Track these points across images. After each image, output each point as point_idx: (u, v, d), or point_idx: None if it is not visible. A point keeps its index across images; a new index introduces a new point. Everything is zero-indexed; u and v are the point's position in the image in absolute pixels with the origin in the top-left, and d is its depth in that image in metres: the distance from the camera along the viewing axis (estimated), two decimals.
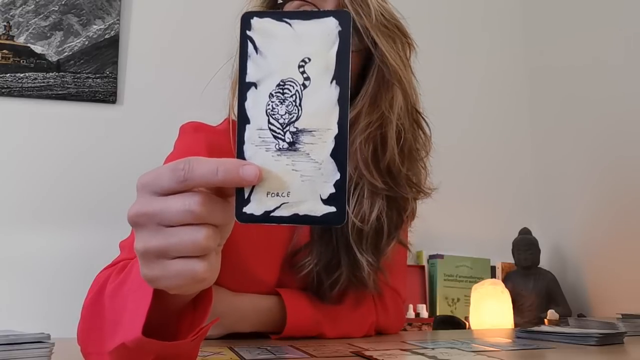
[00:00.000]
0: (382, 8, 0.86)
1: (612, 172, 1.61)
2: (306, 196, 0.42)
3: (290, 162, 0.42)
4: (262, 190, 0.42)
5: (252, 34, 0.43)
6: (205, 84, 1.10)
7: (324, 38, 0.43)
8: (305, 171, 0.42)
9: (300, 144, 0.43)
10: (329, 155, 0.42)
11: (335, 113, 0.43)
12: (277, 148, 0.43)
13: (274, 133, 0.43)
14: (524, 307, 1.62)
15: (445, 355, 0.67)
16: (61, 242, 1.59)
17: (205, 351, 0.69)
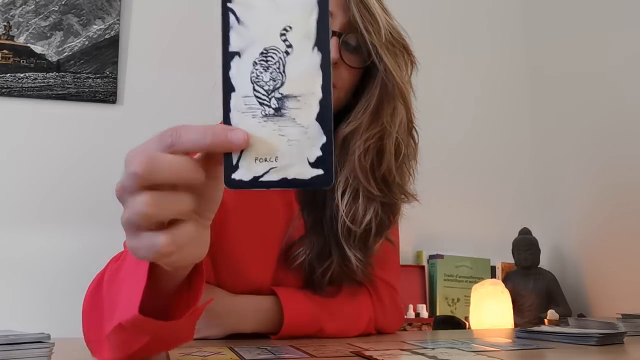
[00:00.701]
0: (390, 26, 0.89)
1: (612, 172, 1.61)
2: (294, 160, 0.43)
3: (276, 128, 0.43)
4: (249, 156, 0.43)
5: (232, 5, 0.44)
6: (205, 84, 1.10)
7: (303, 7, 0.44)
8: (291, 135, 0.43)
9: (285, 109, 0.43)
10: (315, 119, 0.43)
11: (318, 78, 0.43)
12: (263, 114, 0.43)
13: (259, 100, 0.43)
14: (524, 307, 1.62)
15: (445, 355, 0.67)
16: (61, 242, 1.59)
17: (205, 351, 0.70)
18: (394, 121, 0.90)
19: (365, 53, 0.89)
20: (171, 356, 0.66)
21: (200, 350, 0.70)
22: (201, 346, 0.74)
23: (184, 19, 1.77)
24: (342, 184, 0.90)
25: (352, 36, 0.88)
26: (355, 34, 0.88)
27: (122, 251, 0.77)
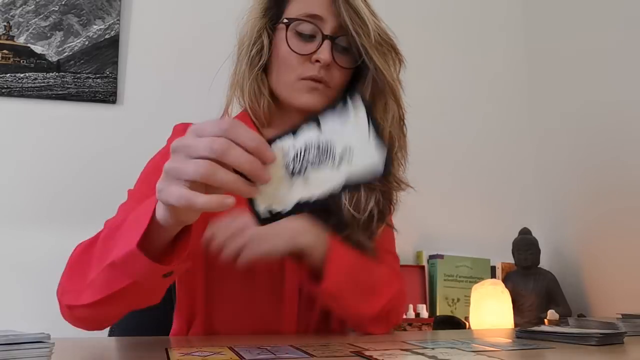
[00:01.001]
0: (378, 28, 0.94)
1: (612, 172, 1.61)
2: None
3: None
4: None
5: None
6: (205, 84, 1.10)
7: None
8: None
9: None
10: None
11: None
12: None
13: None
14: (524, 307, 1.62)
15: (445, 355, 0.67)
16: (61, 241, 1.58)
17: (206, 351, 0.70)
18: (387, 117, 0.95)
19: (355, 54, 0.94)
20: (171, 356, 0.66)
21: (200, 350, 0.70)
22: (201, 346, 0.74)
23: (184, 19, 1.77)
24: None
25: (343, 39, 0.94)
26: (345, 37, 0.93)
27: (111, 218, 0.84)
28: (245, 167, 0.56)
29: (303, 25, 0.93)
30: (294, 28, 0.93)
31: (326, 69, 0.93)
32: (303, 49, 0.93)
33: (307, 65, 0.93)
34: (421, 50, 1.95)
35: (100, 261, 0.68)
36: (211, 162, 0.55)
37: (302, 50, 0.93)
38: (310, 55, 0.93)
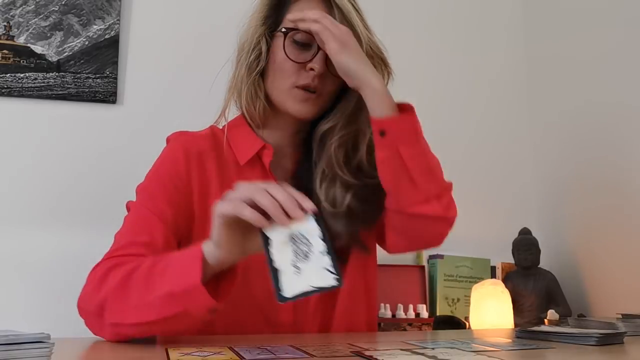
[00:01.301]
0: (370, 41, 1.00)
1: (613, 173, 1.61)
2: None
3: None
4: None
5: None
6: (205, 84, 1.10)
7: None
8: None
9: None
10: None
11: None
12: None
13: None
14: (524, 307, 1.62)
15: (445, 355, 0.67)
16: (61, 242, 1.59)
17: (206, 351, 0.70)
18: (369, 124, 0.97)
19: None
20: (171, 356, 0.66)
21: (200, 350, 0.70)
22: (201, 346, 0.74)
23: (184, 19, 1.77)
24: (319, 174, 1.01)
25: None
26: None
27: (112, 247, 0.95)
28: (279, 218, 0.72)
29: (300, 34, 0.98)
30: (291, 37, 0.99)
31: (319, 78, 0.98)
32: (299, 57, 0.98)
33: (301, 73, 0.98)
34: (420, 50, 1.95)
35: (148, 288, 0.78)
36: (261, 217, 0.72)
37: (298, 58, 0.98)
38: (305, 64, 0.98)
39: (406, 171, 0.92)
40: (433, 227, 0.98)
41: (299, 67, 0.98)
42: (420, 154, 0.95)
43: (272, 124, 1.05)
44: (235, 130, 1.05)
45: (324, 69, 0.97)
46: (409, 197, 0.94)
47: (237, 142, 1.04)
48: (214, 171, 1.01)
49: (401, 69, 1.09)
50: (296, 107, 1.00)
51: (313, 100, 1.00)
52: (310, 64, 0.97)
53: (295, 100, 0.99)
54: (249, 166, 1.02)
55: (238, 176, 1.01)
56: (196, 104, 1.14)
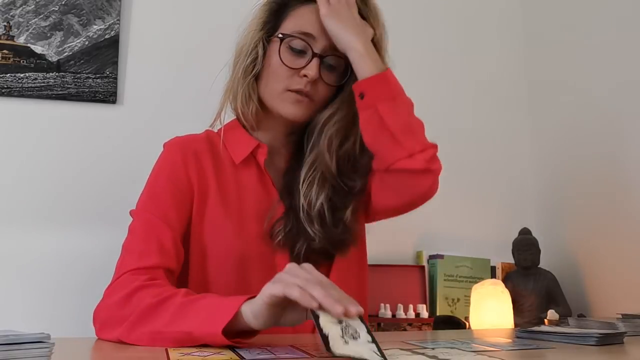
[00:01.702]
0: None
1: (612, 172, 1.61)
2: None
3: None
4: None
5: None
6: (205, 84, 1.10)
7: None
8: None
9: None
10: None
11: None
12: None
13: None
14: (524, 307, 1.61)
15: (445, 355, 0.67)
16: (61, 242, 1.59)
17: (206, 351, 0.70)
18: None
19: (341, 73, 1.04)
20: (171, 356, 0.66)
21: (200, 350, 0.70)
22: (201, 346, 0.74)
23: (184, 18, 1.77)
24: (306, 167, 1.04)
25: (332, 58, 1.03)
26: (334, 57, 1.03)
27: (123, 259, 0.96)
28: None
29: (296, 41, 1.01)
30: (287, 43, 1.02)
31: (312, 84, 1.01)
32: (293, 62, 1.01)
33: (295, 78, 1.01)
34: (419, 50, 1.95)
35: (173, 322, 0.78)
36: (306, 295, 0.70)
37: (293, 64, 1.01)
38: (299, 70, 1.01)
39: (386, 129, 0.97)
40: (419, 181, 1.04)
41: (293, 73, 1.01)
42: (400, 113, 0.99)
43: (265, 126, 1.08)
44: (231, 132, 1.08)
45: (316, 76, 1.00)
46: (393, 155, 0.99)
47: (233, 142, 1.07)
48: (211, 171, 1.04)
49: (401, 68, 1.10)
50: (287, 109, 1.02)
51: (305, 103, 1.02)
52: (304, 70, 1.00)
53: (286, 102, 1.02)
54: (245, 165, 1.05)
55: (234, 176, 1.04)
56: (196, 104, 1.14)
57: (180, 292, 0.83)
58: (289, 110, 1.02)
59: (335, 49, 1.02)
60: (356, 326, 0.68)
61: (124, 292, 0.86)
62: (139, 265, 0.92)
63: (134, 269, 0.91)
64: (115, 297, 0.87)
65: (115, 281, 0.92)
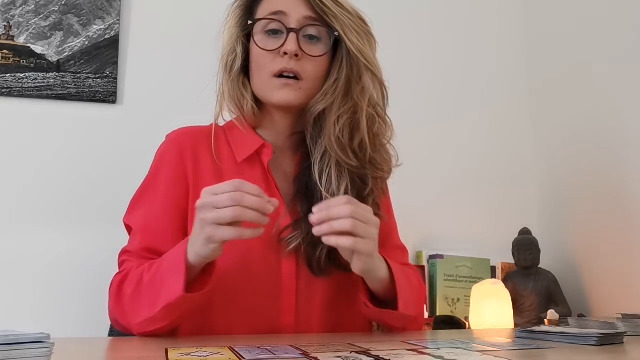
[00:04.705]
0: (353, 10, 1.00)
1: (613, 173, 1.61)
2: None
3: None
4: None
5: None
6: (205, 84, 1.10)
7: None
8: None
9: None
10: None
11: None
12: None
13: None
14: (524, 307, 1.62)
15: (451, 355, 0.67)
16: (61, 242, 1.59)
17: (205, 351, 0.70)
18: (364, 96, 0.98)
19: (327, 42, 0.99)
20: (170, 356, 0.66)
21: (199, 350, 0.70)
22: (201, 346, 0.74)
23: (184, 18, 1.77)
24: (318, 160, 0.98)
25: (311, 28, 0.98)
26: (313, 26, 0.98)
27: (122, 260, 0.98)
28: (256, 206, 0.79)
29: (269, 23, 0.98)
30: (262, 30, 0.99)
31: (296, 61, 0.97)
32: (271, 45, 0.98)
33: (277, 60, 0.97)
34: (420, 49, 1.95)
35: (151, 303, 0.85)
36: (237, 207, 0.78)
37: (270, 46, 0.98)
38: (279, 50, 0.97)
39: (407, 320, 0.97)
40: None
41: (274, 55, 0.98)
42: (414, 304, 0.98)
43: (266, 124, 1.05)
44: (236, 129, 1.04)
45: (296, 49, 0.96)
46: (401, 327, 0.99)
47: (237, 139, 1.04)
48: (209, 167, 1.01)
49: (403, 70, 1.10)
50: (278, 96, 0.98)
51: (293, 85, 0.98)
52: (283, 48, 0.96)
53: (275, 88, 0.98)
54: (248, 165, 1.02)
55: (236, 175, 1.00)
56: (196, 104, 1.14)
57: (142, 271, 0.90)
58: (279, 96, 0.98)
59: (311, 19, 0.97)
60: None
61: (114, 292, 0.93)
62: (123, 258, 0.98)
63: (120, 262, 0.99)
64: (112, 300, 0.94)
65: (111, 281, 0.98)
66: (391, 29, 1.17)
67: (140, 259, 0.95)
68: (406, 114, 1.15)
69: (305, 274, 0.97)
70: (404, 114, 1.10)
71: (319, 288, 0.98)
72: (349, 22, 0.98)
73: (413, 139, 1.82)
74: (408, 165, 1.06)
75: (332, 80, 1.00)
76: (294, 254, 0.97)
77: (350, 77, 0.99)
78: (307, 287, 0.97)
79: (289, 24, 0.97)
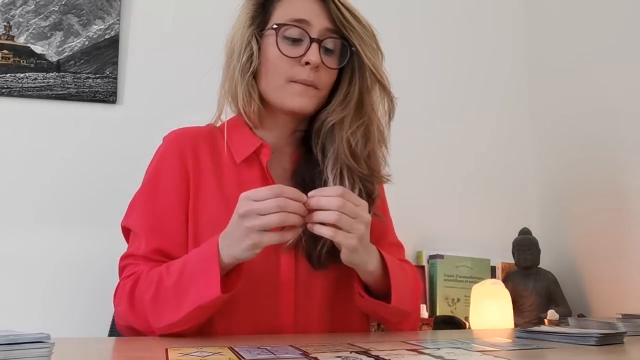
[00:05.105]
0: (368, 25, 1.02)
1: (613, 173, 1.61)
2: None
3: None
4: None
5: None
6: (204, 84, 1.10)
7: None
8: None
9: None
10: None
11: None
12: None
13: None
14: (524, 307, 1.62)
15: (451, 355, 0.67)
16: (61, 242, 1.59)
17: (205, 351, 0.70)
18: (375, 110, 1.03)
19: (339, 55, 1.01)
20: (170, 356, 0.66)
21: (199, 350, 0.70)
22: (201, 346, 0.74)
23: (185, 18, 1.77)
24: (330, 167, 1.00)
25: (329, 41, 1.00)
26: (331, 39, 1.00)
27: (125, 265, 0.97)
28: (298, 210, 0.81)
29: (291, 29, 0.98)
30: (282, 33, 0.99)
31: (315, 71, 0.98)
32: (292, 52, 0.98)
33: (297, 68, 0.98)
34: (420, 50, 1.95)
35: (178, 306, 0.85)
36: (282, 212, 0.79)
37: (292, 53, 0.98)
38: (300, 58, 0.98)
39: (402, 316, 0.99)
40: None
41: (294, 63, 0.98)
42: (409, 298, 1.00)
43: (268, 124, 1.05)
44: (234, 129, 1.04)
45: (319, 61, 0.97)
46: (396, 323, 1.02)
47: (235, 140, 1.03)
48: (209, 168, 1.01)
49: (403, 71, 1.10)
50: (295, 102, 0.99)
51: (312, 93, 0.99)
52: (305, 57, 0.97)
53: (293, 94, 0.99)
54: (247, 165, 1.02)
55: (235, 175, 1.01)
56: (196, 104, 1.14)
57: (163, 272, 0.89)
58: (297, 102, 0.99)
59: (331, 31, 0.99)
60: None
61: (125, 298, 0.91)
62: (126, 262, 0.97)
63: (122, 267, 0.98)
64: (122, 307, 0.92)
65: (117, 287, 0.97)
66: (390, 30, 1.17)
67: (149, 262, 0.94)
68: (406, 114, 1.15)
69: (304, 270, 0.97)
70: (404, 115, 1.10)
71: (318, 285, 0.98)
72: (365, 37, 1.00)
73: (413, 139, 1.82)
74: (408, 166, 1.07)
75: (343, 92, 1.03)
76: (292, 250, 0.97)
77: (363, 90, 1.01)
78: (306, 283, 0.98)
79: (312, 33, 0.98)
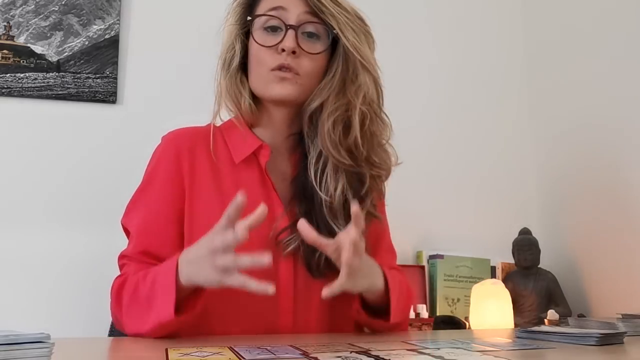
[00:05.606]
0: (348, 8, 1.00)
1: (613, 173, 1.61)
2: None
3: None
4: None
5: None
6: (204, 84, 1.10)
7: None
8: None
9: None
10: None
11: None
12: None
13: None
14: (524, 307, 1.62)
15: (451, 355, 0.67)
16: (61, 242, 1.59)
17: (205, 351, 0.70)
18: (359, 94, 0.98)
19: (324, 39, 0.99)
20: (170, 356, 0.66)
21: (199, 350, 0.70)
22: (201, 346, 0.74)
23: (184, 18, 1.77)
24: (314, 161, 0.98)
25: (309, 25, 0.98)
26: (312, 23, 0.98)
27: (123, 264, 0.98)
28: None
29: (269, 20, 0.99)
30: (261, 26, 0.99)
31: (293, 57, 0.97)
32: (270, 41, 0.98)
33: (275, 56, 0.98)
34: (420, 49, 1.95)
35: (143, 319, 0.86)
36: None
37: (269, 42, 0.98)
38: (277, 46, 0.97)
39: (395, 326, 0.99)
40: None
41: (272, 52, 0.98)
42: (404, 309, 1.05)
43: (263, 122, 1.05)
44: (233, 129, 1.04)
45: (294, 46, 0.96)
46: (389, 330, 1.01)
47: (234, 140, 1.03)
48: (206, 168, 1.00)
49: (403, 70, 1.10)
50: (274, 90, 0.98)
51: (290, 79, 0.97)
52: (281, 44, 0.97)
53: (272, 82, 0.98)
54: (245, 166, 1.01)
55: (234, 175, 1.00)
56: (196, 104, 1.14)
57: (138, 280, 0.89)
58: (276, 90, 0.98)
59: (311, 15, 0.98)
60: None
61: (114, 296, 0.93)
62: (122, 262, 0.98)
63: (119, 265, 0.99)
64: (113, 303, 0.94)
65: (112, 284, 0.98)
66: (391, 29, 1.17)
67: (139, 263, 0.95)
68: (406, 114, 1.15)
69: (303, 276, 0.97)
70: (404, 114, 1.10)
71: (317, 290, 0.97)
72: (345, 20, 0.98)
73: (413, 138, 1.82)
74: (408, 165, 1.06)
75: (328, 78, 1.00)
76: (291, 256, 0.96)
77: (345, 74, 0.99)
78: (305, 289, 0.97)
79: (288, 20, 0.98)
